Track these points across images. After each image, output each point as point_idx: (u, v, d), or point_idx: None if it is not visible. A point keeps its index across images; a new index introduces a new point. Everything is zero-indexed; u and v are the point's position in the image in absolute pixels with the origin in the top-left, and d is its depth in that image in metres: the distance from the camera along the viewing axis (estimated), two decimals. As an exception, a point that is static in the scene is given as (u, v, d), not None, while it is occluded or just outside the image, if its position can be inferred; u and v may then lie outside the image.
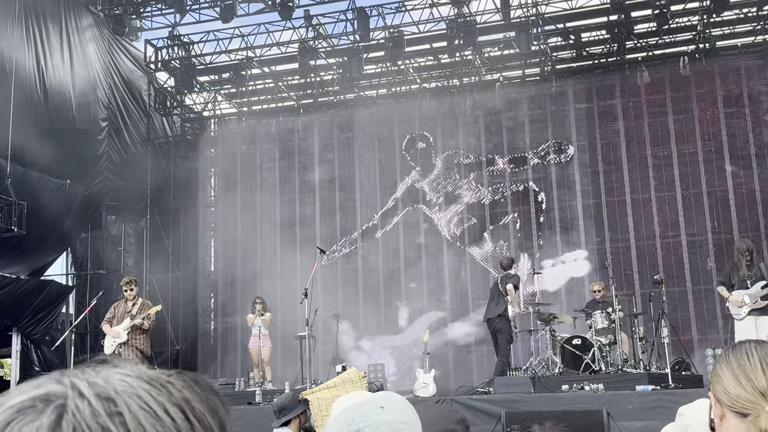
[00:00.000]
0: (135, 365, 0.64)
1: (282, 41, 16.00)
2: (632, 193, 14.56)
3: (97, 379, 0.61)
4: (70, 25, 14.91)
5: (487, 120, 15.51)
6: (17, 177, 12.90)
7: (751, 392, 1.67)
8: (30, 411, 0.59)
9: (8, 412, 0.60)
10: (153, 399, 0.60)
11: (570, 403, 7.37)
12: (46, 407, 0.59)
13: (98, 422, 0.58)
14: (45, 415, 0.59)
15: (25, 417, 0.59)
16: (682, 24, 14.98)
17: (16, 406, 0.60)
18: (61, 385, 0.61)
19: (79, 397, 0.60)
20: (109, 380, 0.61)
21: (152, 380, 0.62)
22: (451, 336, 14.81)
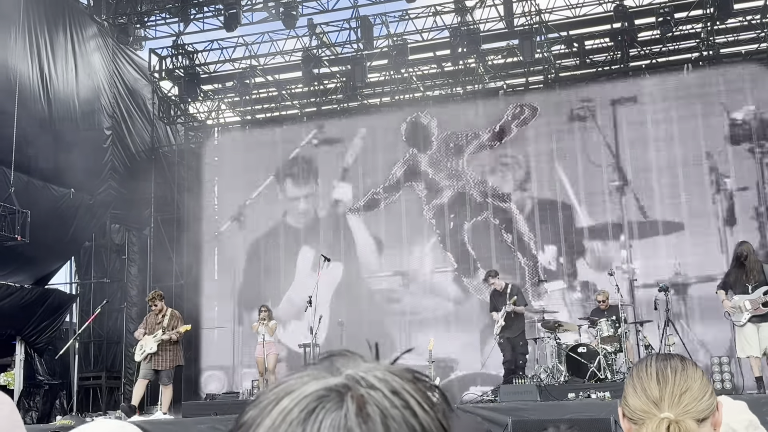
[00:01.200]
0: (372, 361, 0.71)
1: (286, 50, 16.03)
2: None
3: (375, 374, 0.68)
4: (74, 34, 14.96)
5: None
6: (21, 185, 12.92)
7: (645, 402, 1.70)
8: (328, 400, 0.65)
9: (309, 399, 0.65)
10: (417, 394, 0.67)
11: (577, 411, 7.33)
12: (342, 396, 0.65)
13: (397, 414, 0.65)
14: (346, 402, 0.65)
15: (326, 404, 0.65)
16: (685, 31, 14.98)
17: (313, 394, 0.66)
18: (338, 377, 0.67)
19: (371, 388, 0.66)
20: (383, 375, 0.68)
21: (404, 377, 0.69)
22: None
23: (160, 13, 16.38)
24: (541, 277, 13.84)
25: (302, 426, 0.64)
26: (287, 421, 0.65)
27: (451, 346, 14.25)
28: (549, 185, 14.98)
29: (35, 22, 13.85)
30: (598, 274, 14.05)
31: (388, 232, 15.72)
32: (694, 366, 1.76)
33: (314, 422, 0.64)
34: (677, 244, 14.04)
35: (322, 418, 0.64)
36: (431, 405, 0.68)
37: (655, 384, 1.70)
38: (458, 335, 14.62)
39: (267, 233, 16.42)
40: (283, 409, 0.66)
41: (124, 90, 16.37)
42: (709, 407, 1.68)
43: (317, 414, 0.64)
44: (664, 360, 1.77)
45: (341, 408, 0.64)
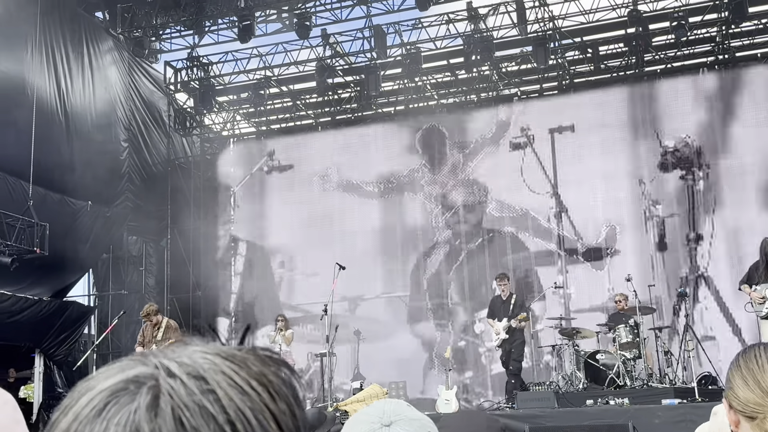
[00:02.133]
0: (208, 343, 0.66)
1: (300, 60, 16.08)
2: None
3: (182, 359, 0.62)
4: (90, 48, 15.10)
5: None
6: (39, 199, 13.02)
7: (759, 395, 1.64)
8: (123, 393, 0.60)
9: (102, 395, 0.61)
10: (237, 375, 0.61)
11: (595, 418, 7.26)
12: (139, 389, 0.60)
13: (194, 400, 0.59)
14: (140, 396, 0.60)
15: (119, 399, 0.60)
16: (700, 35, 14.89)
17: (108, 389, 0.61)
18: (148, 367, 0.62)
19: (170, 377, 0.61)
20: (193, 359, 0.62)
21: (231, 357, 0.63)
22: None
23: (175, 25, 16.50)
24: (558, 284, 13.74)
25: (90, 425, 0.59)
26: (78, 420, 0.60)
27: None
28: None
29: (52, 36, 13.99)
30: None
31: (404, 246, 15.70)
32: None
33: (103, 420, 0.59)
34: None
35: (112, 414, 0.59)
36: (259, 384, 0.62)
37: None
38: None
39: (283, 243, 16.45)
40: (77, 409, 0.61)
41: (140, 102, 16.49)
42: None
43: (108, 410, 0.60)
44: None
45: (134, 401, 0.60)
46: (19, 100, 12.84)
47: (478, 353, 14.65)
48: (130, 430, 0.58)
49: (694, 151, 14.30)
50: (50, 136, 13.46)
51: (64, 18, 14.46)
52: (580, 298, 14.21)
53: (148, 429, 0.58)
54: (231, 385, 0.61)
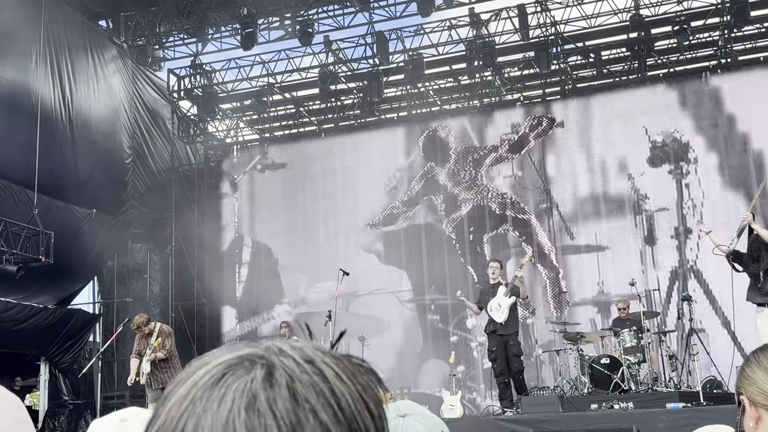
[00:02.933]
0: (303, 340, 0.72)
1: (302, 67, 16.13)
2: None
3: (292, 344, 0.70)
4: (94, 56, 15.17)
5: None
6: (44, 207, 13.07)
7: None
8: (239, 366, 0.67)
9: (219, 367, 0.67)
10: (337, 366, 0.69)
11: (599, 422, 7.26)
12: (253, 364, 0.67)
13: (306, 378, 0.66)
14: (256, 369, 0.66)
15: (236, 371, 0.67)
16: (702, 39, 14.91)
17: (224, 362, 0.68)
18: (257, 349, 0.69)
19: (283, 356, 0.68)
20: (301, 346, 0.70)
21: (328, 353, 0.70)
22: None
23: (178, 33, 16.57)
24: (563, 289, 13.75)
25: (210, 391, 0.66)
26: (197, 387, 0.67)
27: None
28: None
29: (56, 45, 14.06)
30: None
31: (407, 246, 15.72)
32: None
33: (221, 387, 0.66)
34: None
35: (230, 383, 0.66)
36: (352, 377, 0.69)
37: None
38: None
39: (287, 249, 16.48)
40: (195, 379, 0.68)
41: (144, 110, 16.55)
42: None
43: (226, 379, 0.66)
44: None
45: (250, 373, 0.66)
46: (24, 109, 12.91)
47: (470, 347, 14.73)
48: (248, 397, 0.64)
49: (682, 145, 14.37)
50: (55, 145, 13.53)
51: (69, 27, 14.54)
52: (570, 292, 14.37)
53: (263, 396, 0.64)
54: (335, 372, 0.68)
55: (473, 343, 14.67)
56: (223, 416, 0.64)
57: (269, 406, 0.64)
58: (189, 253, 16.33)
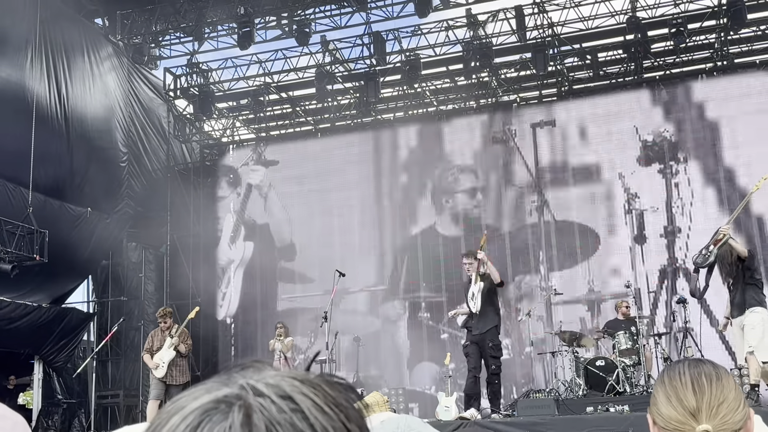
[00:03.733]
0: (277, 368, 0.70)
1: (299, 67, 16.12)
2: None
3: (267, 380, 0.67)
4: (90, 54, 15.12)
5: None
6: (38, 205, 13.02)
7: (681, 412, 1.62)
8: (215, 412, 0.64)
9: (195, 414, 0.65)
10: (316, 397, 0.66)
11: (595, 425, 7.26)
12: (230, 408, 0.64)
13: (284, 418, 0.64)
14: (233, 413, 0.64)
15: (212, 417, 0.64)
16: (699, 42, 14.93)
17: (200, 408, 0.65)
18: (233, 388, 0.67)
19: (259, 396, 0.65)
20: (276, 381, 0.67)
21: (307, 381, 0.68)
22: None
23: (174, 32, 16.53)
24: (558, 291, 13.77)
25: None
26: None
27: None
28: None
29: (52, 43, 14.01)
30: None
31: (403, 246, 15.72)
32: (727, 373, 1.69)
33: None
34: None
35: (207, 429, 0.63)
36: (334, 406, 0.66)
37: (691, 394, 1.63)
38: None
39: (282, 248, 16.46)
40: (171, 426, 0.65)
41: (140, 109, 16.50)
42: (743, 418, 1.62)
43: (202, 428, 0.64)
44: (697, 367, 1.69)
45: (227, 419, 0.64)
46: (19, 107, 12.85)
47: (461, 346, 14.81)
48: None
49: (672, 144, 14.47)
50: (50, 143, 13.47)
51: (64, 25, 14.49)
52: (560, 290, 14.42)
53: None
54: (314, 405, 0.65)
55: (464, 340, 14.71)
56: None
57: None
58: (184, 252, 16.30)
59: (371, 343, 14.41)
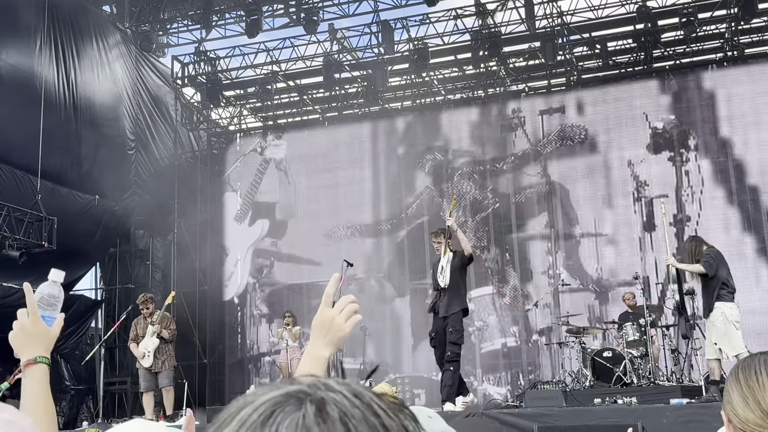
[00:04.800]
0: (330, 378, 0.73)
1: (307, 55, 16.07)
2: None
3: (336, 380, 0.71)
4: (98, 42, 15.09)
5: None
6: (47, 193, 13.04)
7: (759, 415, 1.58)
8: (287, 404, 0.66)
9: (267, 405, 0.67)
10: (380, 401, 0.70)
11: (603, 417, 7.26)
12: (302, 401, 0.67)
13: (357, 412, 0.66)
14: (305, 405, 0.66)
15: (285, 408, 0.66)
16: (709, 32, 14.84)
17: (271, 400, 0.67)
18: (303, 386, 0.69)
19: (331, 391, 0.68)
20: (343, 383, 0.71)
21: (367, 389, 0.71)
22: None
23: (182, 20, 16.49)
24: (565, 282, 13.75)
25: (260, 429, 0.64)
26: (246, 426, 0.65)
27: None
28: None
29: (60, 30, 13.99)
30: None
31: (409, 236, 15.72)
32: None
33: (272, 425, 0.65)
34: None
35: (280, 420, 0.65)
36: (394, 414, 0.69)
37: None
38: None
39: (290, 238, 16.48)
40: (242, 418, 0.66)
41: (148, 97, 16.48)
42: None
43: (275, 416, 0.65)
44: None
45: (300, 410, 0.65)
46: (28, 94, 12.85)
47: (467, 332, 14.81)
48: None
49: (681, 133, 14.43)
50: (58, 131, 13.47)
51: (73, 12, 14.46)
52: (568, 278, 14.43)
53: (317, 431, 0.64)
54: (381, 408, 0.69)
55: (471, 327, 14.71)
56: None
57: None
58: (191, 240, 16.32)
59: (377, 332, 14.43)
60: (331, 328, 1.73)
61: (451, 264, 8.70)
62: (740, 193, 14.01)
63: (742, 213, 13.92)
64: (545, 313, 13.85)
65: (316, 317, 1.78)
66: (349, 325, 1.75)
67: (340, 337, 1.73)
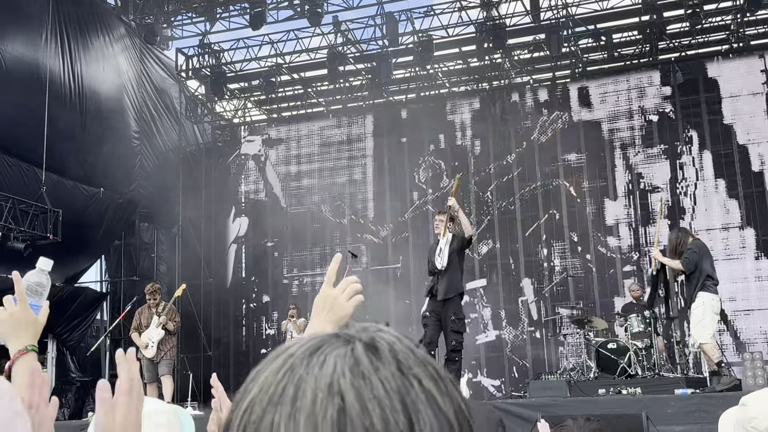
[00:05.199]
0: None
1: (311, 47, 16.04)
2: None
3: (378, 326, 0.70)
4: (102, 34, 15.09)
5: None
6: (52, 185, 13.06)
7: None
8: (335, 341, 0.66)
9: (315, 341, 0.66)
10: (409, 342, 0.69)
11: (607, 408, 7.26)
12: (350, 339, 0.66)
13: (405, 348, 0.66)
14: (355, 341, 0.66)
15: (333, 342, 0.66)
16: (715, 23, 14.78)
17: (319, 337, 0.67)
18: (351, 330, 0.68)
19: (381, 332, 0.68)
20: (380, 328, 0.70)
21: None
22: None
23: (186, 12, 16.47)
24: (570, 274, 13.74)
25: (309, 359, 0.64)
26: (294, 356, 0.65)
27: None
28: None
29: (65, 23, 13.98)
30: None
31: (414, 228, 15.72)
32: None
33: (320, 354, 0.65)
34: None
35: (329, 351, 0.65)
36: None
37: None
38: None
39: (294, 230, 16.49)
40: (290, 351, 0.67)
41: (152, 89, 16.48)
42: None
43: (324, 349, 0.65)
44: None
45: (348, 345, 0.65)
46: (33, 86, 12.85)
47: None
48: (351, 361, 0.64)
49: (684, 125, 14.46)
50: (63, 123, 13.48)
51: (77, 3, 14.46)
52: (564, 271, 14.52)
53: (366, 361, 0.64)
54: (417, 347, 0.69)
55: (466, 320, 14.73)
56: (327, 376, 0.63)
57: (374, 369, 0.63)
58: (196, 232, 16.34)
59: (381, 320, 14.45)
60: (334, 306, 1.74)
61: (450, 246, 8.38)
62: (745, 185, 13.98)
63: (745, 204, 13.92)
64: (546, 305, 13.89)
65: (318, 296, 1.78)
66: (351, 305, 1.75)
67: (342, 315, 1.73)
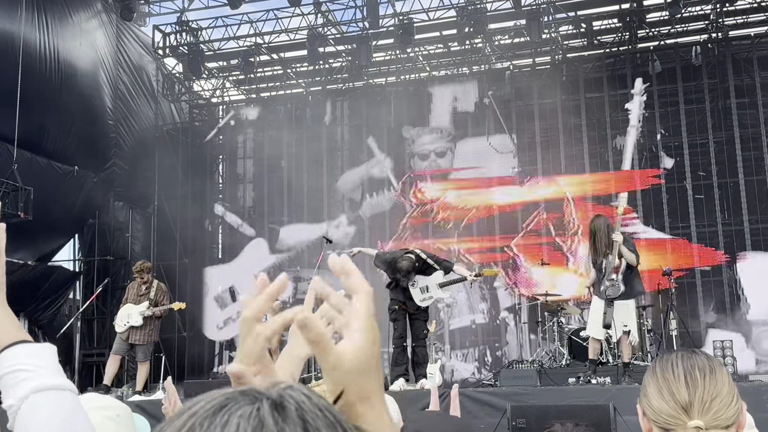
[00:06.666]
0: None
1: (291, 28, 15.89)
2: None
3: (292, 383, 0.70)
4: (78, 10, 14.85)
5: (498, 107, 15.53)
6: (24, 162, 12.88)
7: (672, 406, 1.59)
8: (240, 398, 0.64)
9: (220, 399, 0.64)
10: (320, 399, 0.69)
11: (576, 397, 7.32)
12: (257, 397, 0.65)
13: (313, 406, 0.65)
14: (261, 399, 0.64)
15: (239, 401, 0.64)
16: (694, 13, 14.82)
17: (224, 395, 0.65)
18: (257, 387, 0.67)
19: (289, 389, 0.67)
20: (296, 384, 0.69)
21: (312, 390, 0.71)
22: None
23: (164, -12, 16.24)
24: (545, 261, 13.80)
25: (211, 419, 0.62)
26: (197, 416, 0.63)
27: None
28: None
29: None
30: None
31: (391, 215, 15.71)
32: (721, 366, 1.66)
33: (224, 414, 0.62)
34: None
35: (234, 410, 0.63)
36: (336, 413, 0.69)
37: (684, 388, 1.59)
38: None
39: (269, 212, 16.43)
40: (194, 409, 0.64)
41: (129, 66, 16.27)
42: (735, 413, 1.59)
43: (229, 407, 0.63)
44: (691, 359, 1.66)
45: (254, 403, 0.63)
46: (7, 60, 12.62)
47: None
48: (254, 422, 0.61)
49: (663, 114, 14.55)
50: (37, 99, 13.27)
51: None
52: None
53: (271, 422, 0.62)
54: (329, 405, 0.69)
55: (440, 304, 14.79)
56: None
57: (278, 431, 0.61)
58: (171, 212, 16.20)
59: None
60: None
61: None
62: (720, 176, 14.09)
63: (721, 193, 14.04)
64: (508, 292, 14.04)
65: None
66: (321, 325, 1.71)
67: (316, 333, 1.69)
